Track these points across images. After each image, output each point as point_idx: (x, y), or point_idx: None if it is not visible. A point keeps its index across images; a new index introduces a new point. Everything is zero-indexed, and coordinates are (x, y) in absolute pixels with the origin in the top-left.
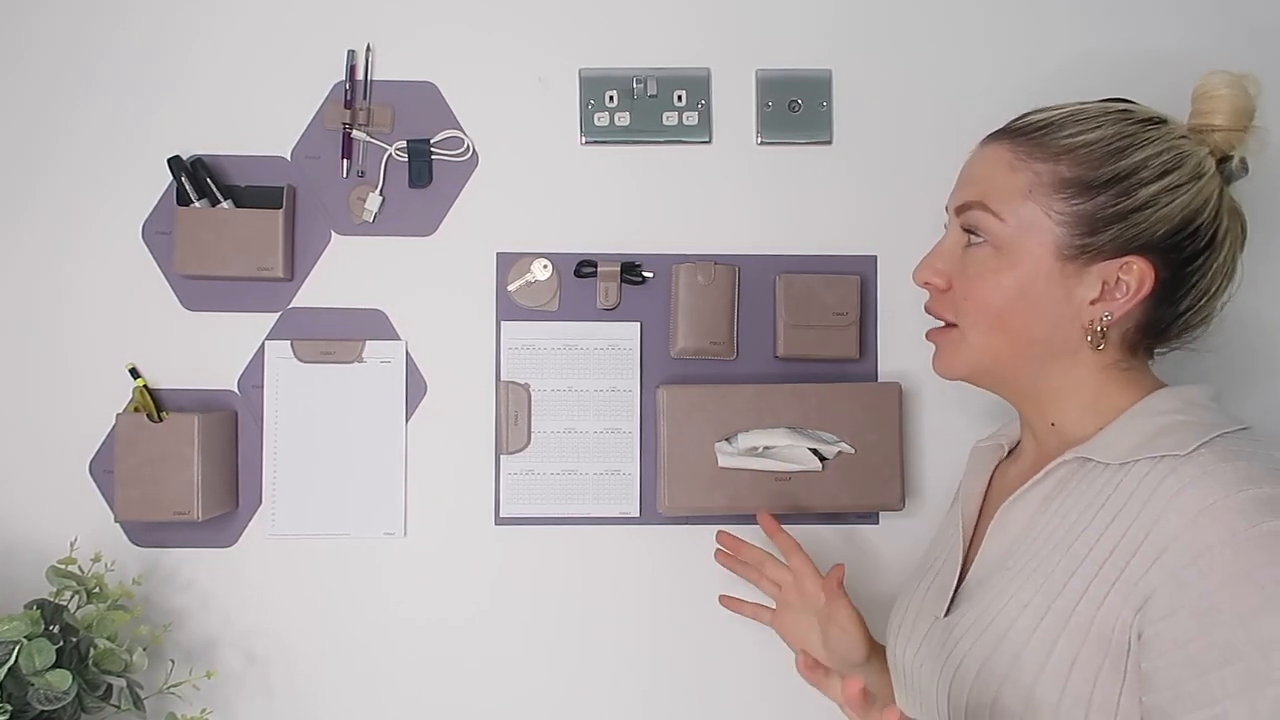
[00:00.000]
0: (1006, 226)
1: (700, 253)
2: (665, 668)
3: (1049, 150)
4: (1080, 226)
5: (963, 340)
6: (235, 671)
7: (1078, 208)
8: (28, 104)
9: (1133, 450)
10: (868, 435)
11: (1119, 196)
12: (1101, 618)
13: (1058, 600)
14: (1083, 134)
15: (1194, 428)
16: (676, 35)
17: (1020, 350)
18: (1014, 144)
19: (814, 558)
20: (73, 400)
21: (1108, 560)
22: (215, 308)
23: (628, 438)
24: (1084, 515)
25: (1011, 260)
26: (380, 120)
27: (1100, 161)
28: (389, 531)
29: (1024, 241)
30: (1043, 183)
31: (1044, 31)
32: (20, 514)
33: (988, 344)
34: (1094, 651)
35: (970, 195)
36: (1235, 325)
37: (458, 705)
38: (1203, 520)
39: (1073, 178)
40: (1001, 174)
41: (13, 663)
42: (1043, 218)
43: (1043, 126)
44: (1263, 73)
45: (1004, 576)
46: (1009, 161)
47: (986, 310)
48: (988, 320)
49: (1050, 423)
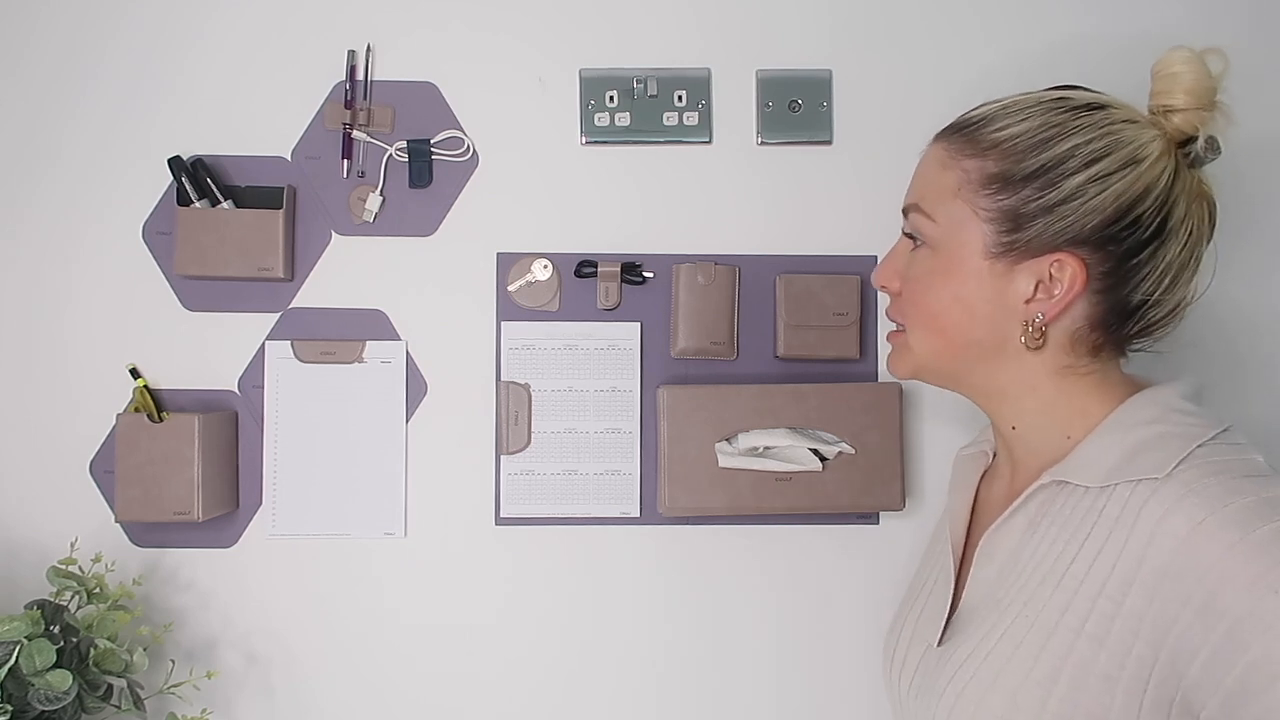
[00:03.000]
0: (938, 227)
1: (700, 253)
2: (666, 668)
3: (978, 146)
4: (1005, 223)
5: (907, 342)
6: (236, 672)
7: (1002, 203)
8: (28, 104)
9: (1111, 471)
10: (868, 435)
11: (1043, 189)
12: (1105, 657)
13: (1052, 639)
14: (1010, 126)
15: (1171, 441)
16: (677, 35)
17: (958, 352)
18: (948, 142)
19: (814, 558)
20: (73, 400)
21: (1100, 595)
22: (216, 308)
23: (628, 438)
24: (1070, 545)
25: (945, 261)
26: (380, 120)
27: (1025, 154)
28: (389, 532)
29: (954, 241)
30: (970, 180)
31: (1044, 31)
32: (21, 514)
33: (927, 346)
34: (1099, 694)
35: (910, 198)
36: (1221, 318)
37: (458, 705)
38: (1196, 539)
39: (998, 172)
40: (935, 174)
41: (13, 663)
42: (970, 216)
43: (975, 122)
44: (1262, 52)
45: (994, 610)
46: (942, 160)
47: (924, 312)
48: (925, 323)
49: (1011, 426)
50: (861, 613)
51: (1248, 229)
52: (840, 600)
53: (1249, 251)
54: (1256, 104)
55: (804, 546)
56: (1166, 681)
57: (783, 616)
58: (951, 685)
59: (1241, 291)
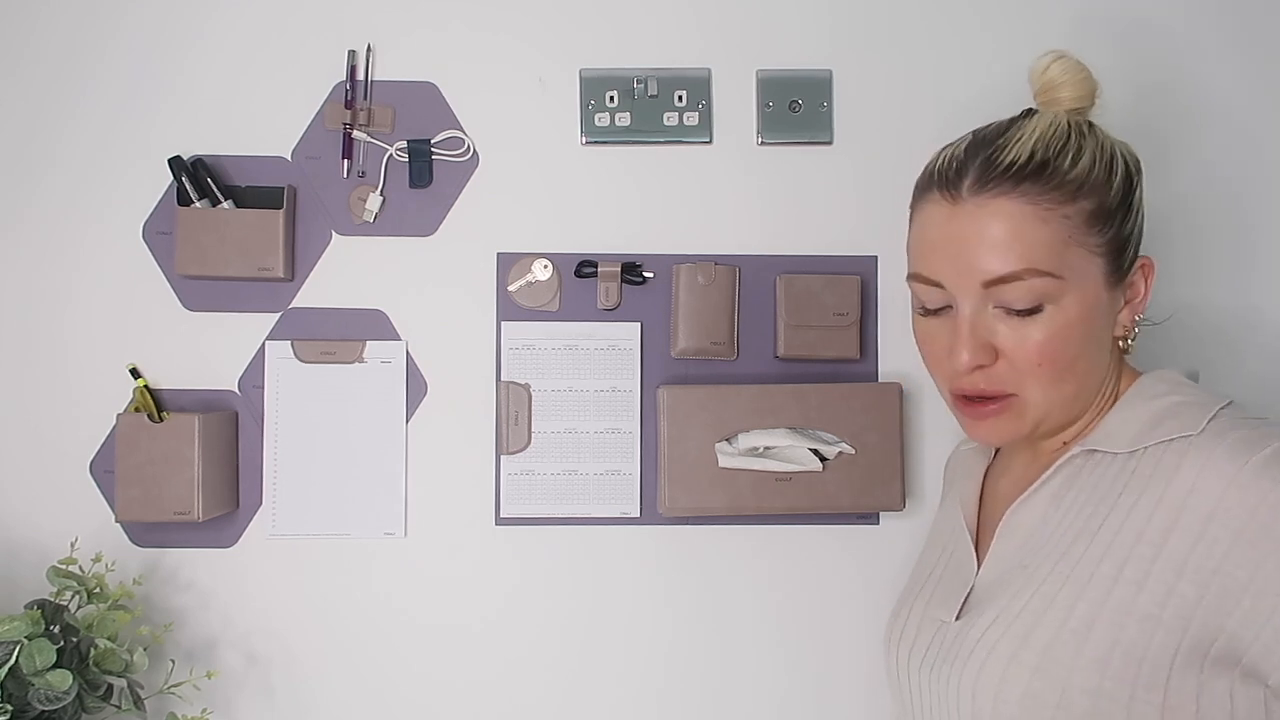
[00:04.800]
0: (1065, 282)
1: (701, 253)
2: (666, 668)
3: (1064, 190)
4: (1114, 252)
5: (1025, 405)
6: (236, 671)
7: (1109, 236)
8: (28, 104)
9: (1139, 436)
10: (868, 435)
11: (1129, 211)
12: (1146, 598)
13: (1088, 589)
14: (1077, 161)
15: (1195, 407)
16: (677, 35)
17: (1085, 388)
18: (1025, 195)
19: (814, 558)
20: (73, 400)
21: (1139, 541)
22: (216, 308)
23: (628, 438)
24: (1101, 505)
25: (1073, 310)
26: (381, 121)
27: (1106, 184)
28: (389, 532)
29: (1080, 288)
30: (1076, 225)
31: (1044, 31)
32: (21, 514)
33: (1057, 397)
34: (1139, 633)
35: (1011, 264)
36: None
37: (458, 705)
38: (1243, 477)
39: (1095, 209)
40: (1035, 230)
41: (13, 663)
42: (1089, 257)
43: (1040, 166)
44: (1258, 59)
45: (1022, 575)
46: (1034, 215)
47: (1057, 366)
48: (1058, 375)
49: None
50: (861, 613)
51: (1244, 232)
52: (840, 600)
53: (1235, 254)
54: (1249, 109)
55: (804, 546)
56: (1209, 622)
57: (783, 616)
58: (979, 648)
59: (1223, 294)
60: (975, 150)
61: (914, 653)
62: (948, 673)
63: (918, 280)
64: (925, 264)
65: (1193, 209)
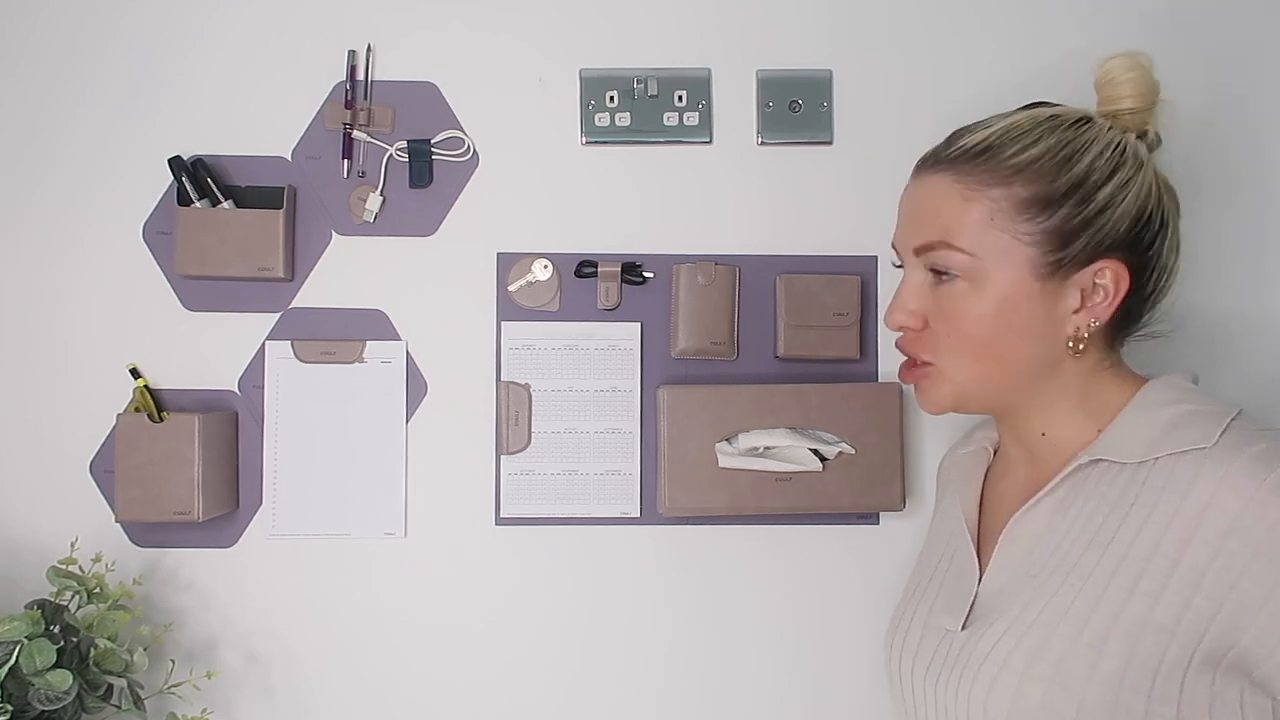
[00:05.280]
0: (976, 260)
1: (701, 253)
2: (666, 668)
3: (998, 174)
4: (1051, 243)
5: (942, 376)
6: (236, 672)
7: (1044, 225)
8: (28, 104)
9: (1150, 447)
10: (868, 435)
11: (1080, 204)
12: (1160, 611)
13: (1101, 602)
14: (1026, 150)
15: (1206, 417)
16: (677, 35)
17: (1008, 373)
18: (958, 174)
19: (814, 558)
20: (73, 400)
21: (1154, 554)
22: (216, 308)
23: (628, 438)
24: (1112, 515)
25: (989, 291)
26: (381, 121)
27: (1053, 174)
28: (389, 532)
29: (998, 270)
30: (1002, 208)
31: (1043, 31)
32: (21, 514)
33: (972, 374)
34: (1153, 646)
35: (930, 235)
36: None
37: (458, 705)
38: (1262, 494)
39: (1030, 196)
40: (955, 207)
41: (13, 663)
42: (1012, 243)
43: (983, 150)
44: (1256, 61)
45: (1031, 586)
46: (960, 193)
47: (971, 343)
48: (972, 353)
49: (1040, 433)
50: (861, 613)
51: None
52: (840, 600)
53: (1236, 253)
54: (1249, 110)
55: (804, 546)
56: (1223, 636)
57: (783, 616)
58: (990, 661)
59: (1229, 297)
60: (951, 134)
61: (917, 660)
62: (955, 684)
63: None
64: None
65: (1199, 211)
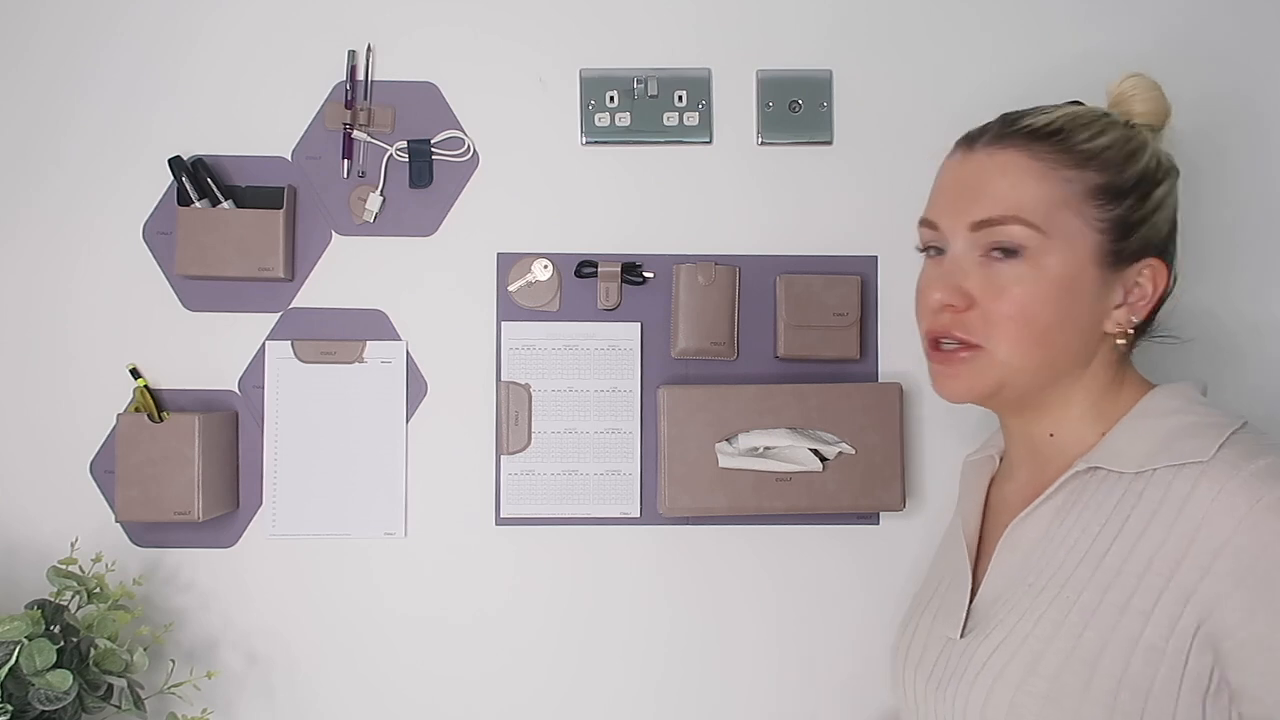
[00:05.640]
0: (1046, 239)
1: (701, 253)
2: (666, 668)
3: (1072, 156)
4: (1115, 232)
5: (991, 361)
6: (236, 672)
7: (1112, 214)
8: (28, 104)
9: (1148, 457)
10: (868, 436)
11: (1141, 200)
12: (1151, 630)
13: (1095, 617)
14: (1095, 138)
15: (1207, 429)
16: (677, 35)
17: (1053, 363)
18: (1031, 152)
19: (814, 558)
20: (74, 400)
21: (1148, 570)
22: (216, 308)
23: (628, 438)
24: (1108, 527)
25: (1054, 273)
26: (381, 121)
27: (1121, 166)
28: (389, 532)
29: (1063, 252)
30: (1075, 191)
31: (1043, 31)
32: (21, 514)
33: (1023, 361)
34: (1144, 666)
35: (998, 209)
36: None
37: (458, 705)
38: (1255, 517)
39: (1103, 184)
40: (1029, 184)
41: (13, 663)
42: (1082, 226)
43: (1055, 131)
44: (1260, 65)
45: (1027, 594)
46: (1034, 170)
47: (1032, 327)
48: (1031, 337)
49: (1049, 433)
50: (861, 613)
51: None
52: (840, 600)
53: (1240, 259)
54: (1251, 114)
55: (804, 546)
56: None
57: (783, 616)
58: (985, 672)
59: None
60: (1005, 115)
61: (920, 668)
62: (954, 692)
63: (922, 224)
64: (931, 206)
65: (1217, 215)
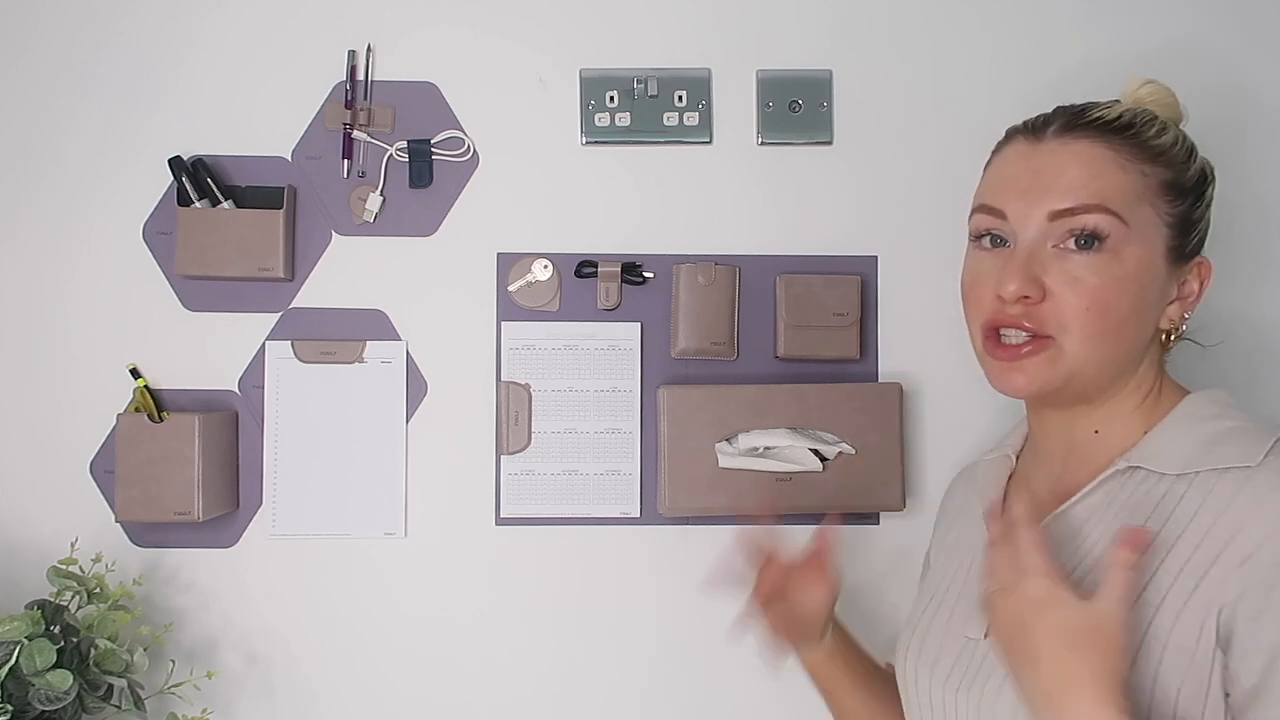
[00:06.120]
0: (1131, 231)
1: (701, 253)
2: (665, 668)
3: (1146, 150)
4: (1180, 228)
5: (1063, 353)
6: (236, 672)
7: (1179, 210)
8: (28, 104)
9: (1190, 460)
10: (868, 435)
11: (1198, 198)
12: (1180, 630)
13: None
14: (1160, 135)
15: (1250, 434)
16: (677, 35)
17: (1119, 358)
18: (1109, 143)
19: None
20: (74, 400)
21: (1182, 571)
22: (216, 308)
23: (628, 438)
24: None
25: (1132, 265)
26: (381, 121)
27: (1185, 164)
28: (389, 532)
29: (1140, 245)
30: (1150, 184)
31: (1044, 32)
32: (21, 514)
33: (1093, 354)
34: (1173, 665)
35: (1081, 198)
36: (1236, 326)
37: (458, 705)
38: None
39: (1171, 179)
40: (1111, 174)
41: (14, 663)
42: (1155, 219)
43: (1128, 125)
44: (1264, 65)
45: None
46: (1115, 161)
47: (1109, 317)
48: (1108, 328)
49: (1094, 430)
50: (862, 613)
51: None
52: (840, 600)
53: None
54: (1254, 114)
55: (804, 546)
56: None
57: None
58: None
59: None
60: (1063, 108)
61: (936, 669)
62: (979, 694)
63: (982, 211)
64: (994, 194)
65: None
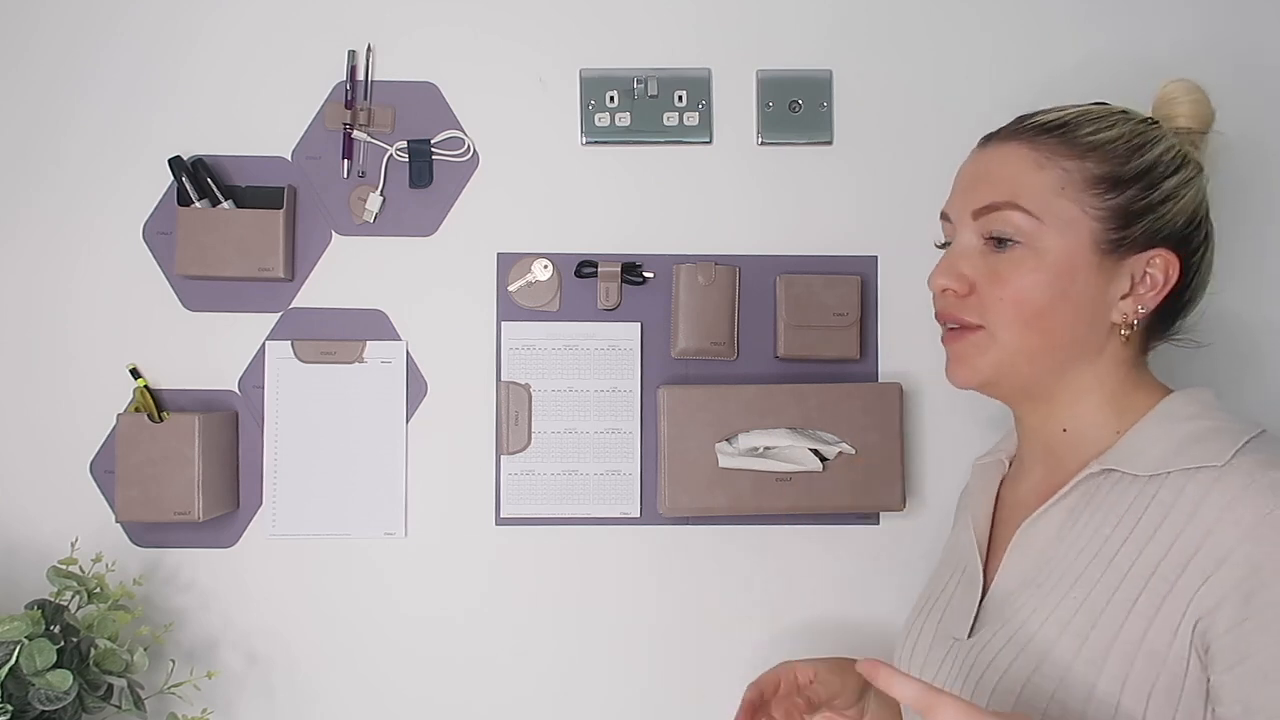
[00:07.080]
0: (1041, 225)
1: (701, 253)
2: (665, 668)
3: (1074, 148)
4: (1114, 220)
5: (991, 341)
6: (236, 672)
7: (1111, 202)
8: (28, 104)
9: (1163, 460)
10: (868, 435)
11: (1146, 190)
12: (1154, 634)
13: (1102, 617)
14: (1100, 132)
15: (1223, 434)
16: (677, 35)
17: (1053, 350)
18: (1033, 143)
19: (814, 558)
20: (74, 400)
21: (1154, 574)
22: (216, 308)
23: (628, 438)
24: (1119, 529)
25: (1050, 258)
26: (381, 121)
27: (1125, 157)
28: (389, 532)
29: (1061, 238)
30: (1073, 179)
31: (1043, 32)
32: (21, 514)
33: (1021, 344)
34: (1145, 669)
35: (995, 196)
36: (1227, 324)
37: (458, 705)
38: (1261, 530)
39: (1102, 174)
40: (1029, 173)
41: (14, 663)
42: (1079, 214)
43: (1059, 125)
44: (1266, 65)
45: (1036, 594)
46: (1034, 160)
47: (1025, 309)
48: (1025, 319)
49: (1062, 429)
50: (861, 613)
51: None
52: (840, 600)
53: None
54: (1258, 115)
55: (804, 546)
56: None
57: (783, 617)
58: (991, 670)
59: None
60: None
61: (925, 669)
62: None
63: (941, 217)
64: (947, 200)
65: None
